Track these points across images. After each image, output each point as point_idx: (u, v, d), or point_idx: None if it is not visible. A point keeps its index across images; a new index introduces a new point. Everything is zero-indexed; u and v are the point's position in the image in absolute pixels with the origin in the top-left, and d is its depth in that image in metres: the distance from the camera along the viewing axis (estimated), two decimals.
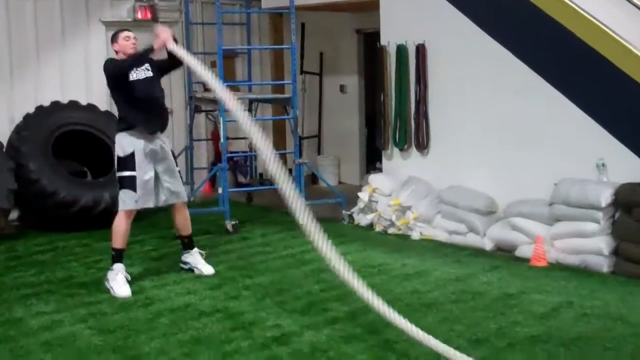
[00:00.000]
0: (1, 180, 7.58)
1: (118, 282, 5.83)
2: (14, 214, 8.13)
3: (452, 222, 7.39)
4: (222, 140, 7.94)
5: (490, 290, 5.81)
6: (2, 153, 7.85)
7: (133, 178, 5.90)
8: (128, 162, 5.92)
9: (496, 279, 6.15)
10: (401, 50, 8.06)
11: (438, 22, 7.79)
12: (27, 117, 8.33)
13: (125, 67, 5.94)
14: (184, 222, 6.35)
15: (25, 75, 8.85)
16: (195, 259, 6.39)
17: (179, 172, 6.28)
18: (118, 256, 5.96)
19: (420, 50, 7.88)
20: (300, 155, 8.54)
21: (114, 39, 6.12)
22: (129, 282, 5.91)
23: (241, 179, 10.15)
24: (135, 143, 5.94)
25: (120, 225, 5.95)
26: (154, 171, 6.04)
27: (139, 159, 5.92)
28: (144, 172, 5.94)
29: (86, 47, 9.33)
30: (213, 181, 9.95)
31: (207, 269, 6.32)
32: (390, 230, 7.77)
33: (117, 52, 6.10)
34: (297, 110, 8.22)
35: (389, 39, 8.24)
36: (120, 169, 5.97)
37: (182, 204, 6.28)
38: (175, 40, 5.83)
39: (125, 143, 5.95)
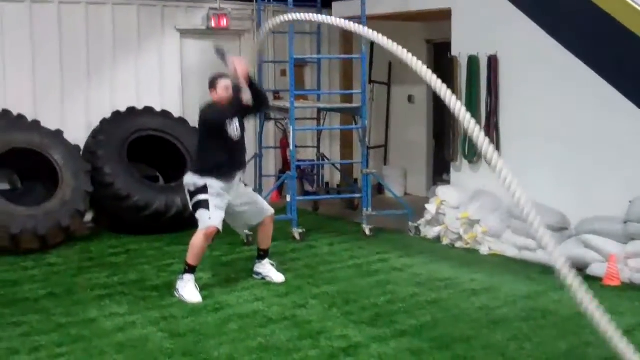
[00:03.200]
0: (78, 182, 7.81)
1: (189, 290, 5.93)
2: (88, 216, 8.36)
3: (522, 237, 7.27)
4: (291, 148, 8.00)
5: (561, 309, 5.69)
6: (79, 156, 8.10)
7: (206, 200, 5.94)
8: (200, 190, 5.96)
9: (567, 298, 5.96)
10: (472, 61, 7.99)
11: (511, 33, 7.70)
12: (104, 122, 8.58)
13: (223, 121, 5.95)
14: (266, 237, 6.43)
15: (102, 81, 9.12)
16: (266, 268, 6.46)
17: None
18: (190, 271, 6.03)
19: (492, 61, 7.81)
20: (367, 165, 8.53)
21: (212, 85, 6.02)
22: (199, 289, 6.00)
23: (308, 187, 10.20)
24: (209, 181, 5.98)
25: (198, 243, 5.98)
26: (229, 199, 6.08)
27: (212, 190, 5.95)
28: (217, 196, 5.95)
29: (161, 54, 9.56)
30: (280, 189, 10.08)
31: (278, 277, 6.40)
32: (458, 244, 7.71)
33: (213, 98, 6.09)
34: (366, 121, 8.21)
35: (460, 49, 8.18)
36: (192, 197, 6.01)
37: (270, 218, 6.37)
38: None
39: (198, 181, 5.99)
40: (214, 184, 5.94)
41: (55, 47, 8.80)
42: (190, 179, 6.03)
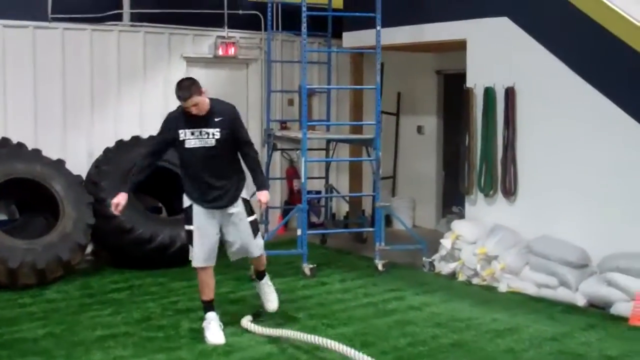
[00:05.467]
0: (79, 214, 7.52)
1: (211, 330, 5.62)
2: (88, 249, 8.04)
3: (542, 274, 7.00)
4: (303, 180, 7.73)
5: (590, 352, 5.43)
6: (81, 187, 7.81)
7: (190, 232, 5.63)
8: (186, 216, 5.64)
9: (594, 339, 5.75)
10: (489, 93, 7.77)
11: (528, 64, 7.50)
12: (107, 151, 8.31)
13: (173, 129, 5.66)
14: (258, 264, 6.06)
15: (106, 109, 8.89)
16: (262, 290, 6.11)
17: (253, 222, 5.76)
18: (207, 307, 5.74)
19: (510, 93, 7.59)
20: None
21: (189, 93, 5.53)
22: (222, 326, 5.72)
23: (313, 218, 9.93)
24: (193, 203, 5.68)
25: (198, 278, 5.75)
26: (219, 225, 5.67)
27: (196, 216, 5.60)
28: (201, 224, 5.59)
29: (166, 82, 9.28)
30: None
31: (270, 306, 6.03)
32: (475, 281, 7.41)
33: None
34: (380, 152, 7.95)
35: (475, 80, 7.97)
36: (184, 224, 5.74)
37: (256, 259, 5.92)
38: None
39: (185, 200, 5.69)
40: (195, 207, 5.61)
41: (58, 74, 8.57)
42: (184, 198, 5.71)
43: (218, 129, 5.48)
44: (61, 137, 8.54)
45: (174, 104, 9.20)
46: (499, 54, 7.77)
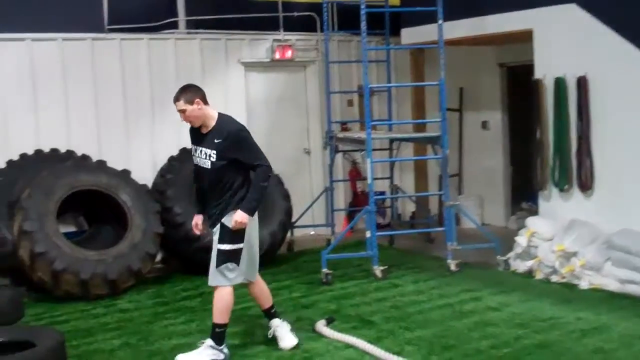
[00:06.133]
0: (147, 224, 7.50)
1: (281, 335, 5.50)
2: (157, 257, 8.01)
3: (625, 270, 6.70)
4: (369, 181, 7.56)
5: None
6: (148, 196, 7.78)
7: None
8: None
9: None
10: (560, 84, 7.48)
11: (601, 53, 7.20)
12: (172, 159, 8.29)
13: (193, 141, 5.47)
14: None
15: (167, 117, 8.82)
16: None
17: (221, 250, 5.27)
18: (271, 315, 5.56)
19: (582, 83, 7.29)
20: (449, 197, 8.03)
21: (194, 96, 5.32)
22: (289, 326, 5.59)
23: (379, 220, 9.73)
24: None
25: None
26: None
27: None
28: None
29: (225, 88, 9.29)
30: (348, 222, 9.69)
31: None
32: (553, 278, 7.14)
33: None
34: (447, 150, 7.73)
35: (544, 71, 7.68)
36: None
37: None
38: None
39: None
40: None
41: (117, 85, 8.59)
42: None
43: (215, 152, 5.15)
44: (124, 147, 8.55)
45: (234, 110, 9.29)
46: (568, 42, 7.48)
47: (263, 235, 7.81)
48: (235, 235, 5.17)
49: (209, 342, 5.24)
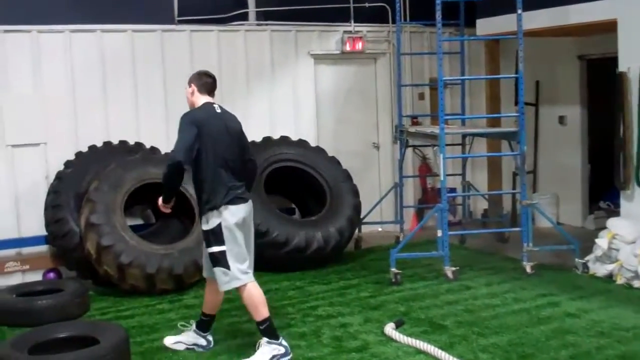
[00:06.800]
0: None
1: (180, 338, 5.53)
2: None
3: None
4: (442, 178, 7.28)
5: None
6: None
7: None
8: None
9: None
10: None
11: None
12: None
13: None
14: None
15: (235, 109, 8.52)
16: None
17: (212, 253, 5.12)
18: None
19: None
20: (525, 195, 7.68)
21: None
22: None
23: (449, 217, 9.43)
24: None
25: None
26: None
27: None
28: None
29: (294, 80, 9.15)
30: (417, 218, 9.45)
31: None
32: (636, 284, 6.73)
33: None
34: (525, 146, 7.38)
35: (629, 64, 7.26)
36: None
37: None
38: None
39: None
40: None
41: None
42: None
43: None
44: None
45: (304, 102, 9.18)
46: None
47: (330, 231, 7.69)
48: (213, 237, 5.05)
49: (264, 340, 5.14)
